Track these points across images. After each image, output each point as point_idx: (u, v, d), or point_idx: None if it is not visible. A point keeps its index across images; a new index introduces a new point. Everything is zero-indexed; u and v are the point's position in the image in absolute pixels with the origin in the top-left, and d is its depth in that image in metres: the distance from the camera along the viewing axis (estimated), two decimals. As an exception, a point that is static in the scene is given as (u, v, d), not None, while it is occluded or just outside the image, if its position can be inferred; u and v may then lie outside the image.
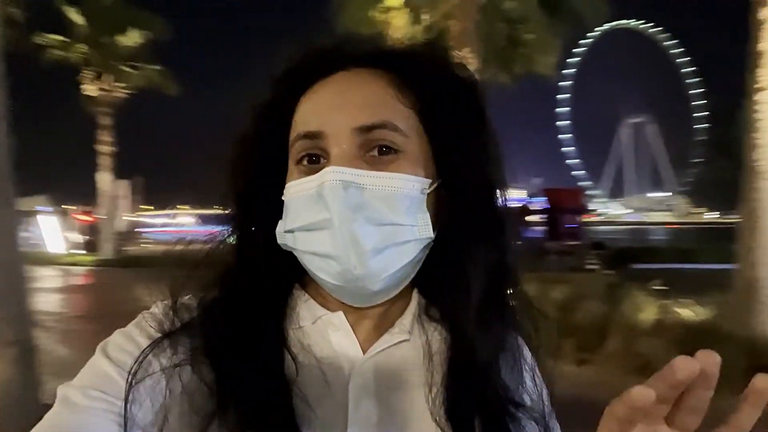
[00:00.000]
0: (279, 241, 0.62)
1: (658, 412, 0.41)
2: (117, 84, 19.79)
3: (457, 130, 0.62)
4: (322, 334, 0.63)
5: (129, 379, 0.54)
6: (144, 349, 0.57)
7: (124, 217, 22.53)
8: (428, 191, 0.60)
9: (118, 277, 16.43)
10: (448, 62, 0.65)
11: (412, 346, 0.64)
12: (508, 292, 0.64)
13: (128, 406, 0.53)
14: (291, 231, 0.61)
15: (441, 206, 0.62)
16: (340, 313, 0.63)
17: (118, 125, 20.45)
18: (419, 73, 0.63)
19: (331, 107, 0.59)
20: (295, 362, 0.59)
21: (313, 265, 0.60)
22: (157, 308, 0.63)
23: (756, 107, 6.06)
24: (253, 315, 0.61)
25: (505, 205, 0.64)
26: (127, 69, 19.61)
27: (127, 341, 0.59)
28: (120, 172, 21.26)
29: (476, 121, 0.63)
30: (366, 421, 0.59)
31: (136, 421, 0.54)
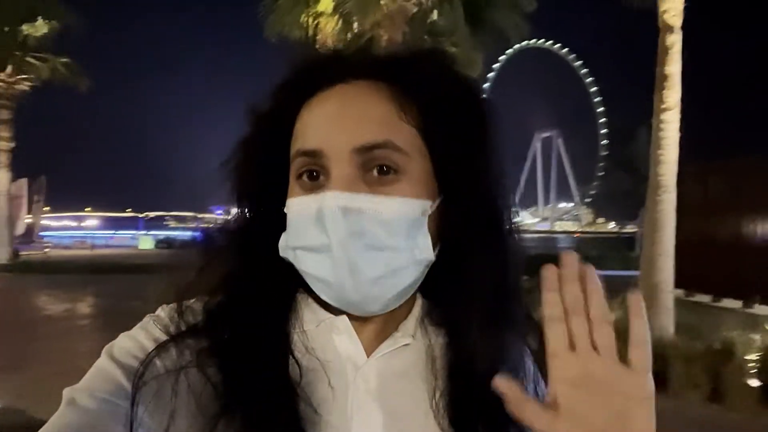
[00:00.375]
0: (281, 254, 0.62)
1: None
2: (20, 76, 18.45)
3: (461, 148, 0.61)
4: (326, 337, 0.63)
5: (135, 381, 0.54)
6: (150, 352, 0.57)
7: (24, 219, 20.90)
8: (430, 212, 0.60)
9: (15, 283, 15.26)
10: (453, 74, 0.64)
11: (415, 349, 0.65)
12: (511, 303, 0.64)
13: (134, 407, 0.53)
14: (292, 248, 0.61)
15: (442, 221, 0.62)
16: (344, 317, 0.63)
17: (19, 120, 19.09)
18: (423, 86, 0.61)
19: (331, 125, 0.59)
20: (298, 366, 0.59)
21: (313, 285, 0.61)
22: (163, 311, 0.63)
23: (662, 126, 6.60)
24: (257, 318, 0.61)
25: (509, 217, 0.64)
26: (32, 60, 18.29)
27: (133, 344, 0.59)
28: (19, 170, 19.83)
29: (481, 137, 0.62)
30: (370, 424, 0.60)
31: (142, 423, 0.53)
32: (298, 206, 0.60)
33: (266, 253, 0.63)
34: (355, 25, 10.47)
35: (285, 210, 0.62)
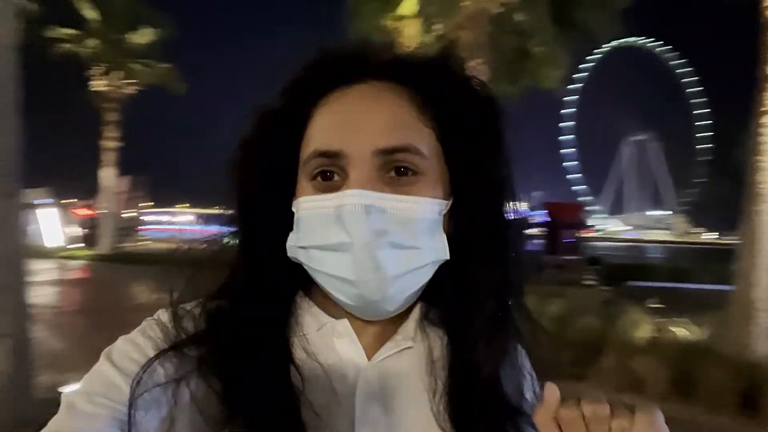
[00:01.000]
0: (289, 254, 0.62)
1: None
2: (126, 80, 19.78)
3: (475, 152, 0.62)
4: (327, 341, 0.63)
5: (133, 386, 0.54)
6: (151, 358, 0.57)
7: (124, 213, 22.47)
8: (445, 211, 0.61)
9: (114, 272, 16.40)
10: (469, 78, 0.64)
11: (415, 352, 0.65)
12: (511, 304, 0.65)
13: (132, 412, 0.53)
14: (303, 247, 0.60)
15: (451, 222, 0.62)
16: (345, 321, 0.63)
17: (124, 121, 20.42)
18: (440, 90, 0.61)
19: (352, 126, 0.58)
20: (299, 371, 0.59)
21: (328, 284, 0.60)
22: (162, 316, 0.62)
23: (761, 130, 6.08)
24: (258, 324, 0.60)
25: (515, 221, 0.65)
26: (137, 66, 19.59)
27: (133, 348, 0.58)
28: (123, 168, 21.31)
29: (494, 142, 0.63)
30: (373, 427, 0.60)
31: (141, 429, 0.54)
32: (312, 205, 0.59)
33: (268, 255, 0.62)
34: (437, 26, 10.40)
35: (293, 209, 0.62)
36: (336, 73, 0.62)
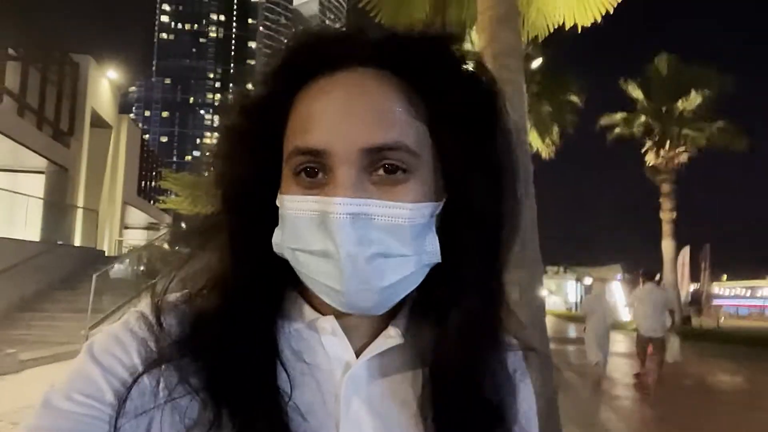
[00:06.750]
0: (276, 250, 0.59)
1: None
2: (677, 149, 19.69)
3: (471, 146, 0.58)
4: (314, 338, 0.62)
5: (121, 399, 0.53)
6: (140, 373, 0.55)
7: (687, 287, 21.50)
8: (437, 213, 0.58)
9: (686, 350, 15.61)
10: (464, 62, 0.60)
11: (406, 348, 0.63)
12: (500, 312, 0.63)
13: (118, 418, 0.53)
14: (290, 248, 0.58)
15: (444, 220, 0.59)
16: (332, 317, 0.61)
17: (679, 190, 20.08)
18: (432, 77, 0.57)
19: (337, 122, 0.54)
20: (285, 370, 0.58)
21: (315, 287, 0.58)
22: (147, 310, 0.60)
23: None
24: (244, 323, 0.58)
25: (511, 220, 0.61)
26: (689, 131, 19.26)
27: (115, 344, 0.57)
28: (684, 239, 20.69)
29: (492, 132, 0.59)
30: (357, 427, 0.59)
31: None
32: (297, 206, 0.56)
33: (252, 250, 0.60)
34: None
35: (278, 204, 0.59)
36: (318, 59, 0.58)
